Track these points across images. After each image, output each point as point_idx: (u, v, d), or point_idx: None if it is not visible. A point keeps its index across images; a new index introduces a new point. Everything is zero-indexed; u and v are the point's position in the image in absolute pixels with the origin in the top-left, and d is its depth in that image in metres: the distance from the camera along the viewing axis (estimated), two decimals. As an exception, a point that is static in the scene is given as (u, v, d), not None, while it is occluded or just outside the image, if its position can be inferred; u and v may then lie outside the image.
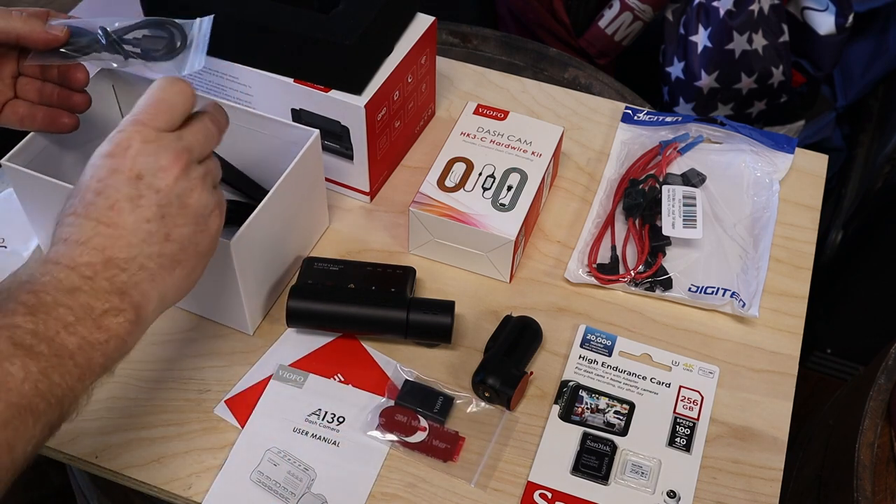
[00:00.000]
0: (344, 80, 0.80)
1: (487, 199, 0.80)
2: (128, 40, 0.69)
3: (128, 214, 0.56)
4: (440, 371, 0.75)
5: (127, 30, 0.69)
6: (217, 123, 0.62)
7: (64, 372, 0.52)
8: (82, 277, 0.54)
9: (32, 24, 0.67)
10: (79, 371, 0.53)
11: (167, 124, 0.58)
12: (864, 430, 0.83)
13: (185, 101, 0.59)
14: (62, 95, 0.73)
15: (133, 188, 0.56)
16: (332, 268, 0.78)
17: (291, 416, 0.72)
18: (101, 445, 0.70)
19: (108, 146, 0.57)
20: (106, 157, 0.57)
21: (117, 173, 0.56)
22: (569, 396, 0.74)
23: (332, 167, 0.86)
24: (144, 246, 0.56)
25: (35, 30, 0.67)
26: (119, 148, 0.57)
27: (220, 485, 0.68)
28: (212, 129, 0.61)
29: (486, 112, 0.88)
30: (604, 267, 0.82)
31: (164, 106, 0.58)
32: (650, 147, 0.91)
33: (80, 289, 0.54)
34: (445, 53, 1.09)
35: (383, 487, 0.69)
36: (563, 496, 0.68)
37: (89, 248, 0.55)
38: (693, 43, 1.41)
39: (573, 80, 1.25)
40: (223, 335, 0.77)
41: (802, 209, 0.88)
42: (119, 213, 0.56)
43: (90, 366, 0.53)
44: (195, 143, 0.59)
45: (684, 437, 0.72)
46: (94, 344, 0.53)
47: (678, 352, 0.77)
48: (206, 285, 0.74)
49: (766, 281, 0.81)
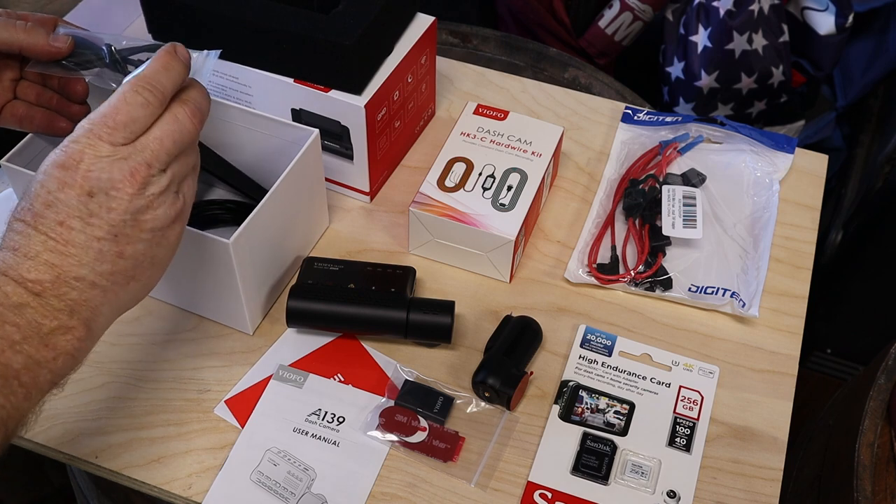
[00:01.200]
0: (344, 80, 0.80)
1: (487, 199, 0.80)
2: (132, 61, 0.67)
3: (78, 233, 0.54)
4: (440, 371, 0.75)
5: (133, 50, 0.68)
6: (193, 112, 0.59)
7: (8, 392, 0.50)
8: (30, 294, 0.52)
9: (35, 36, 0.65)
10: (24, 391, 0.51)
11: (124, 138, 0.55)
12: (864, 430, 0.83)
13: (149, 114, 0.56)
14: (60, 103, 0.72)
15: (84, 206, 0.54)
16: (332, 268, 0.78)
17: (291, 416, 0.72)
18: (101, 445, 0.70)
19: (60, 155, 0.55)
20: (57, 167, 0.54)
21: (68, 188, 0.54)
22: (569, 396, 0.74)
23: (332, 167, 0.86)
24: (96, 264, 0.54)
25: (38, 42, 0.65)
26: (71, 160, 0.54)
27: (220, 485, 0.68)
28: (185, 125, 0.58)
29: (486, 112, 0.88)
30: (604, 267, 0.82)
31: (123, 118, 0.55)
32: (650, 147, 0.91)
33: (28, 305, 0.52)
34: (445, 53, 1.09)
35: (383, 487, 0.69)
36: (563, 496, 0.68)
37: (38, 263, 0.53)
38: (693, 43, 1.41)
39: (573, 80, 1.25)
40: (223, 335, 0.77)
41: (802, 209, 0.88)
42: (69, 230, 0.54)
43: (37, 384, 0.52)
44: (159, 152, 0.56)
45: (684, 437, 0.72)
46: (41, 362, 0.52)
47: (678, 352, 0.77)
48: (206, 285, 0.74)
49: (766, 281, 0.81)
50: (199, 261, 0.71)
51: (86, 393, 0.73)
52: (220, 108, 0.78)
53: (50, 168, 0.55)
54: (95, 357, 0.75)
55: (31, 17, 0.67)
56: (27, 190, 0.55)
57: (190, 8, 0.80)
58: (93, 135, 0.55)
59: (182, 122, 0.58)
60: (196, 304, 0.78)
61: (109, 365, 0.75)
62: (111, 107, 0.56)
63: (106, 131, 0.55)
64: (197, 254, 0.71)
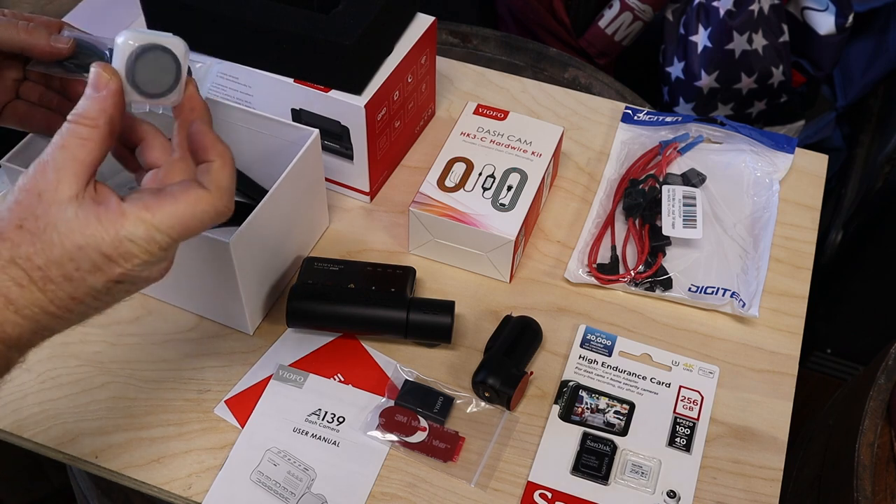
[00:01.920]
0: (344, 80, 0.80)
1: (487, 199, 0.80)
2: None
3: (83, 305, 0.54)
4: (440, 371, 0.75)
5: None
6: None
7: None
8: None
9: (37, 36, 0.65)
10: None
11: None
12: (864, 430, 0.83)
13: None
14: (61, 103, 0.72)
15: (106, 290, 0.53)
16: (332, 268, 0.78)
17: (291, 416, 0.72)
18: (101, 445, 0.70)
19: (107, 245, 0.52)
20: (100, 254, 0.52)
21: (101, 274, 0.52)
22: (569, 396, 0.74)
23: (332, 167, 0.86)
24: (75, 317, 0.55)
25: (39, 42, 0.64)
26: (119, 256, 0.52)
27: (220, 485, 0.68)
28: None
29: (486, 112, 0.88)
30: (604, 267, 0.82)
31: (182, 225, 0.54)
32: (650, 147, 0.91)
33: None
34: (445, 53, 1.09)
35: (383, 487, 0.69)
36: (563, 496, 0.68)
37: (23, 318, 0.52)
38: (693, 43, 1.41)
39: (573, 80, 1.25)
40: (223, 335, 0.77)
41: (802, 209, 0.88)
42: (78, 304, 0.53)
43: None
44: (184, 237, 0.54)
45: (684, 437, 0.72)
46: None
47: (678, 352, 0.77)
48: (206, 285, 0.74)
49: (766, 281, 0.81)
50: (200, 261, 0.71)
51: (86, 393, 0.73)
52: (220, 108, 0.78)
53: (91, 251, 0.52)
54: (95, 357, 0.75)
55: (35, 18, 0.67)
56: (40, 235, 0.51)
57: (190, 8, 0.80)
58: (153, 242, 0.53)
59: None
60: (196, 304, 0.78)
61: (109, 365, 0.75)
62: (180, 216, 0.53)
63: (165, 241, 0.53)
64: (197, 254, 0.71)
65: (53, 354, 0.75)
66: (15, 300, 0.51)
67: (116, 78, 0.54)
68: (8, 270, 0.51)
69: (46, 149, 0.52)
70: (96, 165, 0.53)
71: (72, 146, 0.52)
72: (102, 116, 0.53)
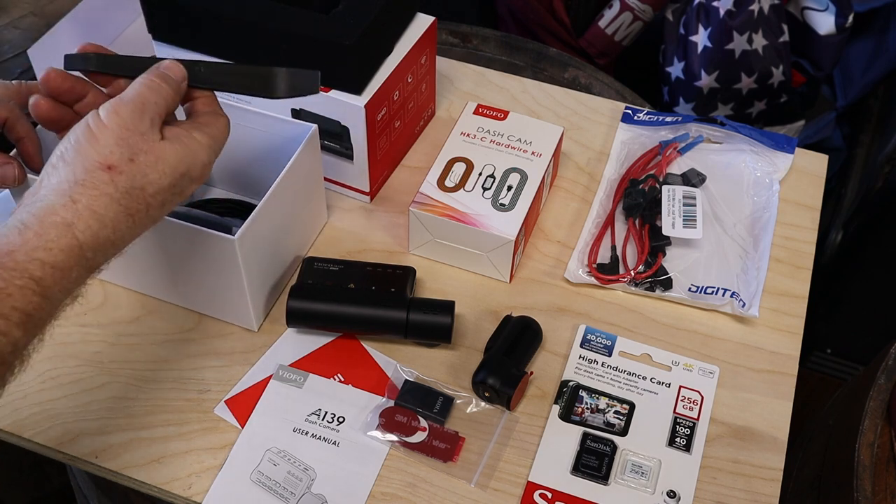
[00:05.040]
0: (344, 80, 0.80)
1: (487, 199, 0.80)
2: None
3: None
4: (440, 371, 0.75)
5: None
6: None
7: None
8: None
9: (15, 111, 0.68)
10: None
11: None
12: (864, 430, 0.83)
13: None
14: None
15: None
16: (332, 268, 0.78)
17: (291, 416, 0.72)
18: (101, 445, 0.70)
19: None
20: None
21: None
22: (569, 396, 0.74)
23: (332, 167, 0.86)
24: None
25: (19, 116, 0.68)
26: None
27: (220, 485, 0.68)
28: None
29: (486, 112, 0.88)
30: (604, 267, 0.82)
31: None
32: (650, 147, 0.91)
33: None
34: (445, 53, 1.09)
35: (383, 487, 0.69)
36: (563, 496, 0.68)
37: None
38: (693, 43, 1.41)
39: (573, 80, 1.25)
40: (223, 335, 0.77)
41: (802, 209, 0.88)
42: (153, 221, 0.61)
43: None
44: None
45: (684, 437, 0.72)
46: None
47: (678, 352, 0.77)
48: (211, 283, 0.74)
49: (766, 281, 0.81)
50: (203, 258, 0.71)
51: (86, 393, 0.73)
52: (220, 107, 0.79)
53: (186, 178, 0.61)
54: (95, 357, 0.75)
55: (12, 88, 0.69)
56: (154, 167, 0.59)
57: (190, 8, 0.80)
58: (213, 159, 0.65)
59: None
60: (199, 302, 0.78)
61: (109, 365, 0.75)
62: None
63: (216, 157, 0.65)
64: (200, 251, 0.71)
65: (53, 354, 0.75)
66: (122, 230, 0.58)
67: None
68: (122, 202, 0.57)
69: (129, 92, 0.60)
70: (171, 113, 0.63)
71: (163, 94, 0.61)
72: (182, 75, 0.63)
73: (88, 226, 0.55)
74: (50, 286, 0.54)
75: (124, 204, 0.57)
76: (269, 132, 0.78)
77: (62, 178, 0.56)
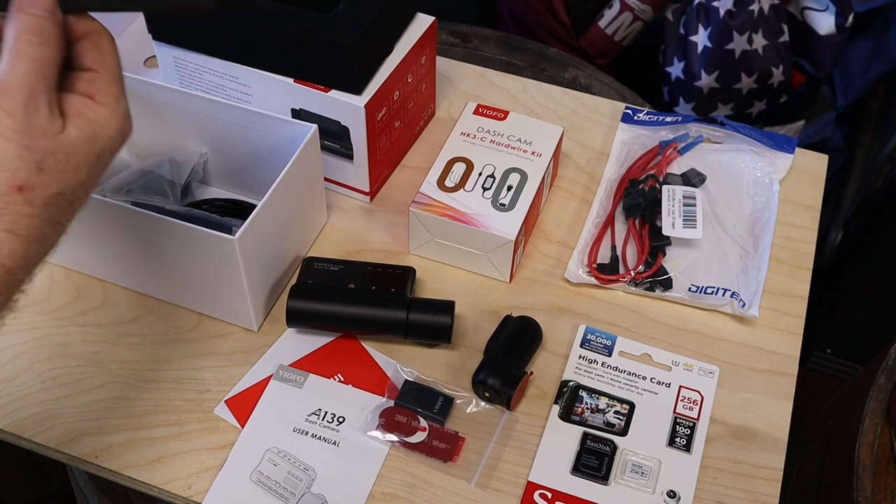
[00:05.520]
0: (344, 80, 0.80)
1: (487, 199, 0.80)
2: None
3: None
4: (440, 371, 0.75)
5: None
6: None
7: None
8: None
9: None
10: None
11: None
12: (864, 430, 0.83)
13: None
14: None
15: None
16: (332, 268, 0.78)
17: (291, 416, 0.72)
18: (101, 445, 0.70)
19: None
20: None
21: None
22: (569, 396, 0.74)
23: (332, 167, 0.86)
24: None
25: None
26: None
27: (220, 485, 0.68)
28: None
29: (486, 112, 0.88)
30: (604, 267, 0.82)
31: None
32: (650, 147, 0.91)
33: None
34: (445, 53, 1.09)
35: (383, 487, 0.69)
36: (563, 496, 0.68)
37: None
38: (693, 43, 1.41)
39: (573, 80, 1.25)
40: (223, 335, 0.77)
41: (802, 209, 0.88)
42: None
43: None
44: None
45: (684, 437, 0.72)
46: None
47: (678, 352, 0.77)
48: (210, 282, 0.74)
49: (766, 281, 0.81)
50: (203, 258, 0.71)
51: (86, 393, 0.73)
52: (219, 106, 0.79)
53: (103, 157, 0.53)
54: (95, 357, 0.75)
55: None
56: (65, 167, 0.51)
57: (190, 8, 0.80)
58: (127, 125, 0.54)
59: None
60: (199, 302, 0.78)
61: (109, 365, 0.75)
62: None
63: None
64: (200, 251, 0.71)
65: (53, 354, 0.75)
66: (50, 238, 0.52)
67: None
68: (44, 215, 0.50)
69: (8, 75, 0.48)
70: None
71: (47, 59, 0.50)
72: (50, 4, 0.50)
73: (13, 250, 0.50)
74: None
75: (46, 217, 0.51)
76: (269, 132, 0.78)
77: None
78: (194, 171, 0.84)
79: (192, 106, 0.79)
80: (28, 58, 0.49)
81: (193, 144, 0.84)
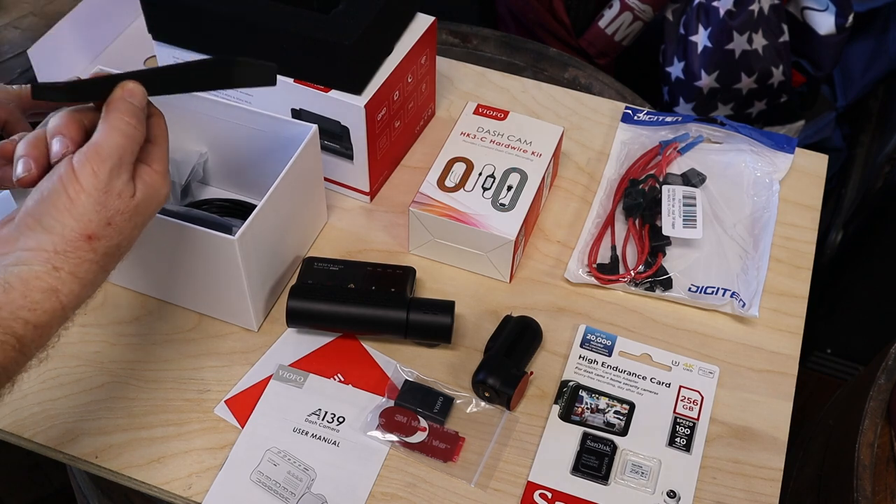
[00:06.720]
0: (344, 80, 0.80)
1: (487, 199, 0.80)
2: None
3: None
4: (440, 371, 0.75)
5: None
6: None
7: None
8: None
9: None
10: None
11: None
12: (864, 430, 0.83)
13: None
14: None
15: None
16: (332, 268, 0.78)
17: (291, 416, 0.72)
18: (101, 445, 0.70)
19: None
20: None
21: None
22: (569, 396, 0.74)
23: (332, 167, 0.86)
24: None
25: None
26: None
27: (220, 485, 0.68)
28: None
29: (486, 112, 0.88)
30: (604, 267, 0.82)
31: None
32: (650, 147, 0.91)
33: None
34: (445, 53, 1.09)
35: (383, 487, 0.69)
36: (563, 496, 0.68)
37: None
38: (693, 43, 1.41)
39: (573, 80, 1.25)
40: (223, 335, 0.77)
41: (802, 209, 0.88)
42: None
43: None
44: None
45: (684, 437, 0.72)
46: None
47: (678, 352, 0.77)
48: (210, 282, 0.74)
49: (766, 281, 0.81)
50: (203, 258, 0.71)
51: (86, 393, 0.73)
52: (219, 107, 0.79)
53: (151, 213, 0.62)
54: (95, 357, 0.75)
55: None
56: (128, 222, 0.59)
57: (190, 8, 0.80)
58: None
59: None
60: (199, 302, 0.78)
61: (109, 365, 0.75)
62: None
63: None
64: (200, 251, 0.71)
65: (53, 354, 0.75)
66: (98, 283, 0.59)
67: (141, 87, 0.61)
68: (101, 262, 0.58)
69: (105, 142, 0.58)
70: None
71: (137, 138, 0.59)
72: (144, 96, 0.61)
73: (71, 290, 0.56)
74: (29, 343, 0.55)
75: (102, 264, 0.58)
76: (269, 132, 0.78)
77: (41, 243, 0.56)
78: (194, 171, 0.84)
79: (192, 106, 0.79)
80: (122, 133, 0.58)
81: (193, 144, 0.84)
